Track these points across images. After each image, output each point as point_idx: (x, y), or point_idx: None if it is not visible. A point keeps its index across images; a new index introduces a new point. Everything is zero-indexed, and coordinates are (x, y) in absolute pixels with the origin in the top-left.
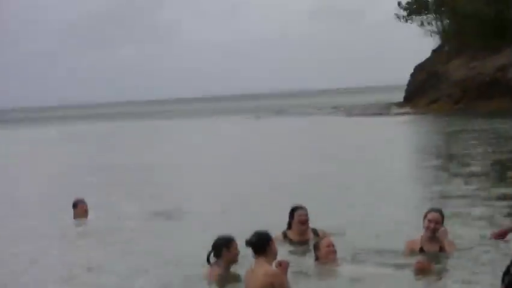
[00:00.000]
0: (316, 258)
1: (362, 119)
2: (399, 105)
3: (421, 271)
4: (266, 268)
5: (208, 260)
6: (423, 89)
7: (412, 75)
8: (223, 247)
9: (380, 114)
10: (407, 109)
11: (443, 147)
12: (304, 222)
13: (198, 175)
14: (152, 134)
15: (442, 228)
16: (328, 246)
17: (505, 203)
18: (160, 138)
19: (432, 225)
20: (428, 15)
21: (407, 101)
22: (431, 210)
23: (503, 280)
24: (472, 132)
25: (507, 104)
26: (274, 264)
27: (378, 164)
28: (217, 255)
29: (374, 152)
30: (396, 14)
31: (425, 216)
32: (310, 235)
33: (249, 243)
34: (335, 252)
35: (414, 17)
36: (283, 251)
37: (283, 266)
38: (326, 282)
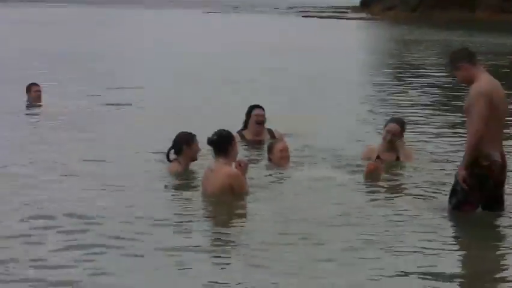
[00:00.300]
0: (269, 160)
1: (317, 20)
2: (355, 9)
3: (371, 173)
4: (226, 169)
5: (167, 156)
6: None
7: None
8: (183, 144)
9: (336, 17)
10: (362, 14)
11: (398, 55)
12: (261, 122)
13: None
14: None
15: (401, 140)
16: (282, 150)
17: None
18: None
19: (389, 136)
20: None
21: (364, 6)
22: (391, 120)
23: (450, 201)
24: (427, 42)
25: (464, 15)
26: (233, 164)
27: (332, 66)
28: (178, 152)
29: (326, 53)
30: None
31: (385, 126)
32: (266, 136)
33: (210, 142)
34: (288, 157)
35: None
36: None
37: (242, 166)
38: (281, 185)
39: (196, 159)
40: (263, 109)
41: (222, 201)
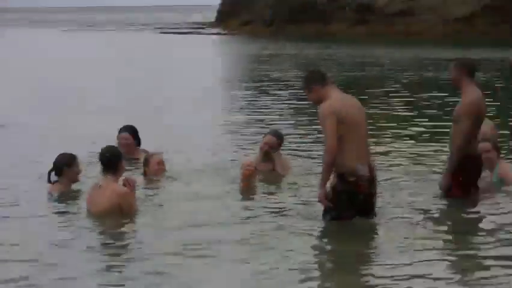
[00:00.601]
0: (145, 173)
1: (172, 36)
2: (212, 25)
3: (247, 178)
4: (115, 187)
5: (49, 178)
6: (236, 10)
7: None
8: (64, 165)
9: (191, 33)
10: (219, 29)
11: (257, 69)
12: (125, 145)
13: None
14: None
15: (278, 152)
16: (158, 163)
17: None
18: None
19: (266, 147)
20: None
21: (220, 21)
22: (269, 133)
23: (324, 217)
24: (284, 56)
25: (318, 28)
26: (121, 181)
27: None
28: (58, 173)
29: (180, 67)
30: None
31: (264, 138)
32: (141, 154)
33: (103, 158)
34: (164, 169)
35: None
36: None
37: (131, 184)
38: (159, 197)
39: (78, 181)
40: (129, 132)
41: (109, 219)
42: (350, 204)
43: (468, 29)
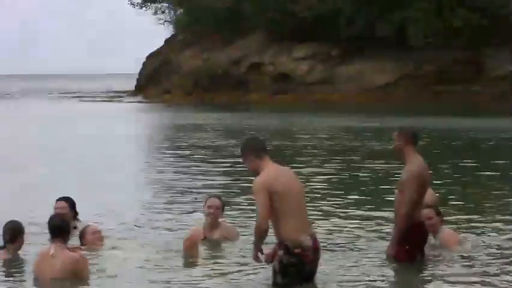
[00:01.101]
0: (83, 245)
1: (92, 104)
2: (132, 93)
3: (189, 250)
4: (66, 253)
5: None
6: (156, 79)
7: (144, 64)
8: (21, 232)
9: (111, 101)
10: (139, 98)
11: (181, 138)
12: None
13: None
14: None
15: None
16: (94, 232)
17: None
18: None
19: (212, 211)
20: (162, 4)
21: (140, 90)
22: (211, 196)
23: (273, 284)
24: (207, 125)
25: (237, 98)
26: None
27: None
28: (12, 240)
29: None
30: (131, 1)
31: (205, 203)
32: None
33: (51, 226)
34: (101, 238)
35: (149, 4)
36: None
37: (78, 251)
38: (99, 265)
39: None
40: (65, 201)
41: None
42: (298, 274)
43: (387, 98)
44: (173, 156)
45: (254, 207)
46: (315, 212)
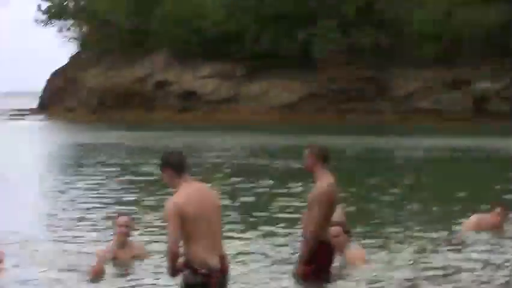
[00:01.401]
0: None
1: None
2: (34, 111)
3: (96, 276)
4: None
5: None
6: (60, 97)
7: (48, 81)
8: None
9: (11, 119)
10: (41, 116)
11: (74, 157)
12: None
13: None
14: None
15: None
16: None
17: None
18: None
19: (123, 229)
20: (68, 21)
21: (43, 108)
22: (120, 214)
23: None
24: (107, 146)
25: (143, 116)
26: None
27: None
28: None
29: None
30: (36, 18)
31: (116, 221)
32: None
33: None
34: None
35: (54, 21)
36: None
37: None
38: None
39: None
40: None
41: None
42: None
43: (292, 116)
44: (78, 174)
45: (163, 225)
46: None
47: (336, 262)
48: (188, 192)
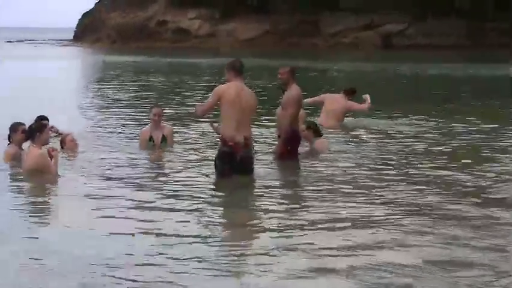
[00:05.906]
0: (63, 148)
1: (51, 48)
2: (71, 41)
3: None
4: (34, 151)
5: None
6: (89, 31)
7: (80, 19)
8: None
9: (55, 44)
10: (77, 44)
11: (96, 76)
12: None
13: None
14: None
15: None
16: (71, 140)
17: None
18: None
19: (156, 118)
20: None
21: (77, 38)
22: (155, 105)
23: (215, 172)
24: (126, 65)
25: (149, 45)
26: (44, 149)
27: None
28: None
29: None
30: None
31: (151, 111)
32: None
33: (26, 129)
34: (77, 145)
35: None
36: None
37: (53, 152)
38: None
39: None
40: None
41: (32, 178)
42: (229, 161)
43: (255, 47)
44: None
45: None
46: None
47: (307, 149)
48: (236, 85)
